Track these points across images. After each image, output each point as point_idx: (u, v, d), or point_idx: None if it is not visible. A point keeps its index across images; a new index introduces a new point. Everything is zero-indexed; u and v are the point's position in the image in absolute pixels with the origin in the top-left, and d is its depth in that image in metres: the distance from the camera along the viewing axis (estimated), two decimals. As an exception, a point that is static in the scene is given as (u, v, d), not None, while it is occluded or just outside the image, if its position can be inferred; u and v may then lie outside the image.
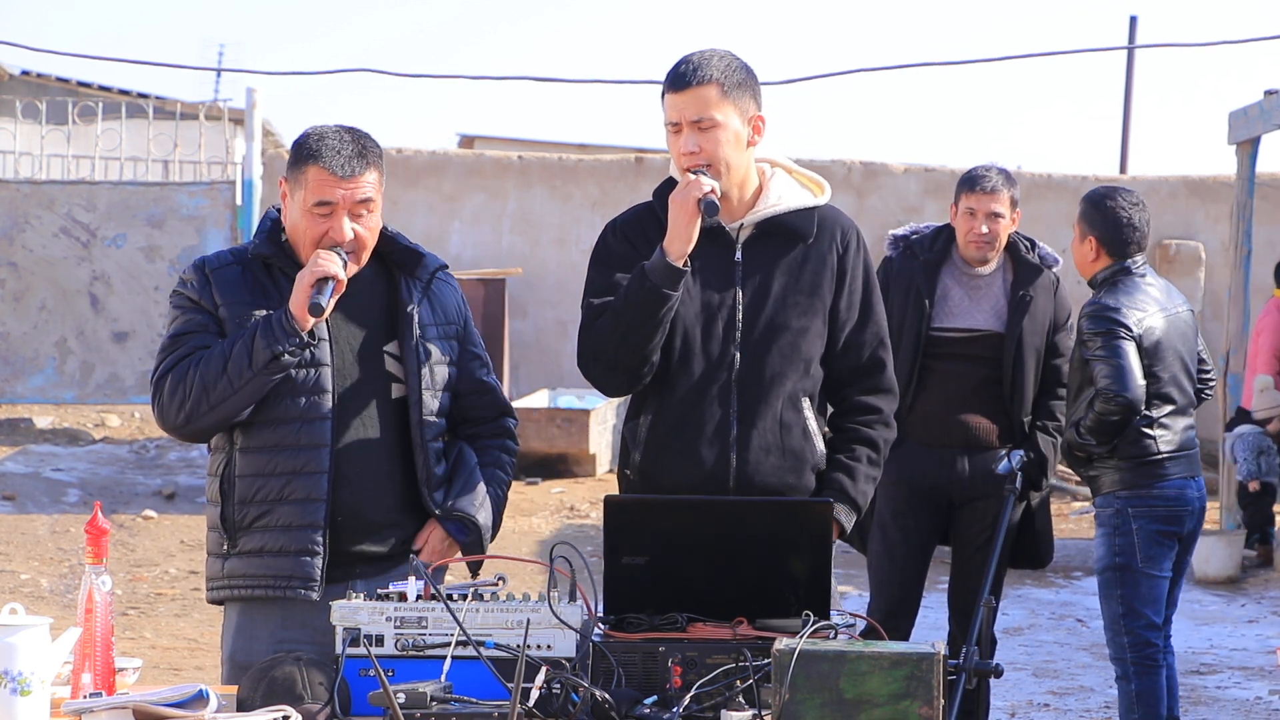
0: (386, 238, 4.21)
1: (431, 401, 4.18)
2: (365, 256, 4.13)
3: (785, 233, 4.43)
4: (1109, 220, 6.26)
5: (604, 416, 14.47)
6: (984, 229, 6.34)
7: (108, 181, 15.49)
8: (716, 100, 4.31)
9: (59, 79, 22.40)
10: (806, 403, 4.41)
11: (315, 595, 4.05)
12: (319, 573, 4.07)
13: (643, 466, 4.45)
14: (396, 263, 4.23)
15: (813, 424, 4.41)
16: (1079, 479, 6.33)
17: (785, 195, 4.45)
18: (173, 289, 4.19)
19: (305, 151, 4.06)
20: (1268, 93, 11.17)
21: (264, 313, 4.05)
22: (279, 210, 4.19)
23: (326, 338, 4.11)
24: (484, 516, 4.20)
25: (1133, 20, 23.48)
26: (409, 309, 4.18)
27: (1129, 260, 6.28)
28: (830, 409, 4.54)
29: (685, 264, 4.28)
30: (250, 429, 4.10)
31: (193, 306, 4.12)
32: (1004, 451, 4.13)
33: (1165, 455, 6.22)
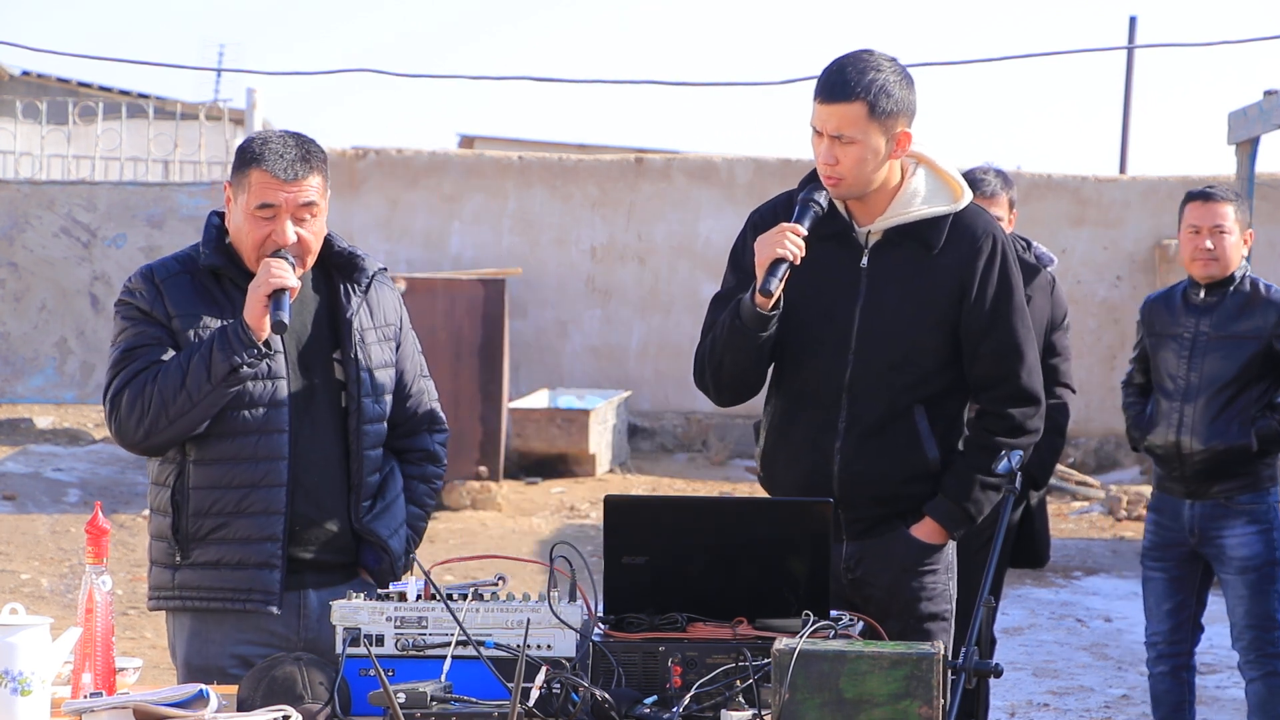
0: (324, 241, 4.17)
1: (372, 408, 4.17)
2: (310, 261, 4.10)
3: (915, 239, 4.34)
4: None
5: (604, 416, 14.47)
6: None
7: (108, 182, 15.49)
8: (862, 120, 4.20)
9: (59, 79, 22.40)
10: (920, 412, 4.34)
11: (275, 609, 4.05)
12: (278, 585, 4.06)
13: (763, 466, 4.51)
14: (335, 266, 4.20)
15: (925, 432, 4.35)
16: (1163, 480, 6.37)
17: (920, 198, 4.34)
18: (119, 298, 4.11)
19: (249, 155, 4.03)
20: (1267, 93, 11.16)
21: (218, 324, 4.02)
22: (221, 216, 4.14)
23: (283, 350, 4.08)
24: (397, 544, 4.19)
25: (1133, 20, 23.50)
26: (349, 315, 4.15)
27: None
28: (972, 411, 4.49)
29: (778, 305, 4.23)
30: (205, 441, 4.05)
31: (143, 318, 4.06)
32: (1004, 451, 4.15)
33: None
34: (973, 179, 6.42)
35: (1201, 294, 6.40)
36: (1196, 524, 6.37)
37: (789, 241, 4.17)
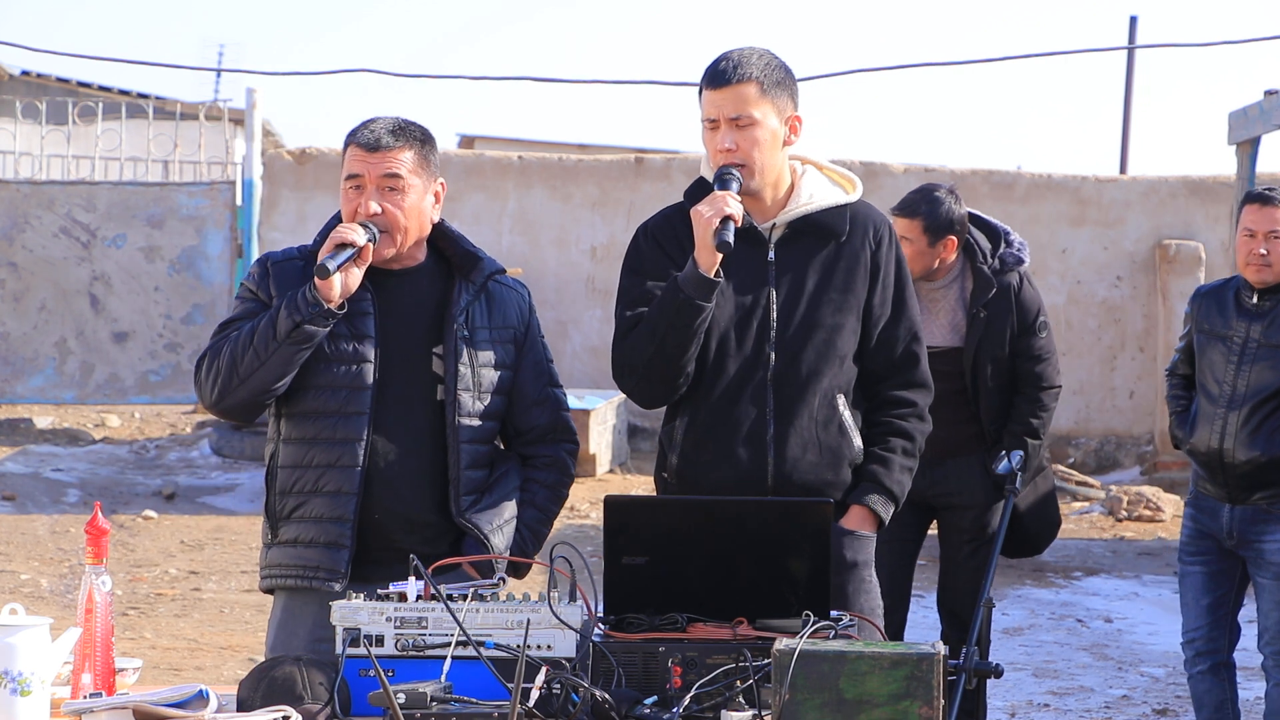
0: (449, 238, 4.27)
1: (472, 403, 4.21)
2: (401, 239, 4.16)
3: (818, 231, 4.45)
4: None
5: (604, 416, 14.47)
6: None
7: (108, 181, 15.49)
8: (755, 99, 4.32)
9: (59, 79, 22.42)
10: (842, 399, 4.44)
11: (338, 586, 4.08)
12: (345, 566, 4.12)
13: (680, 469, 4.47)
14: (455, 265, 4.28)
15: (849, 420, 4.45)
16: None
17: (817, 193, 4.46)
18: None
19: (349, 134, 4.16)
20: (1268, 93, 11.16)
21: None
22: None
23: (372, 335, 4.16)
24: (500, 539, 4.20)
25: (1133, 20, 23.49)
26: (454, 309, 4.21)
27: None
28: (865, 404, 4.54)
29: (718, 274, 4.28)
30: (293, 420, 4.18)
31: (251, 298, 4.22)
32: (1003, 452, 4.19)
33: None
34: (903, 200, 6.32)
35: (1254, 298, 6.27)
36: (1235, 527, 6.32)
37: (731, 200, 4.24)
